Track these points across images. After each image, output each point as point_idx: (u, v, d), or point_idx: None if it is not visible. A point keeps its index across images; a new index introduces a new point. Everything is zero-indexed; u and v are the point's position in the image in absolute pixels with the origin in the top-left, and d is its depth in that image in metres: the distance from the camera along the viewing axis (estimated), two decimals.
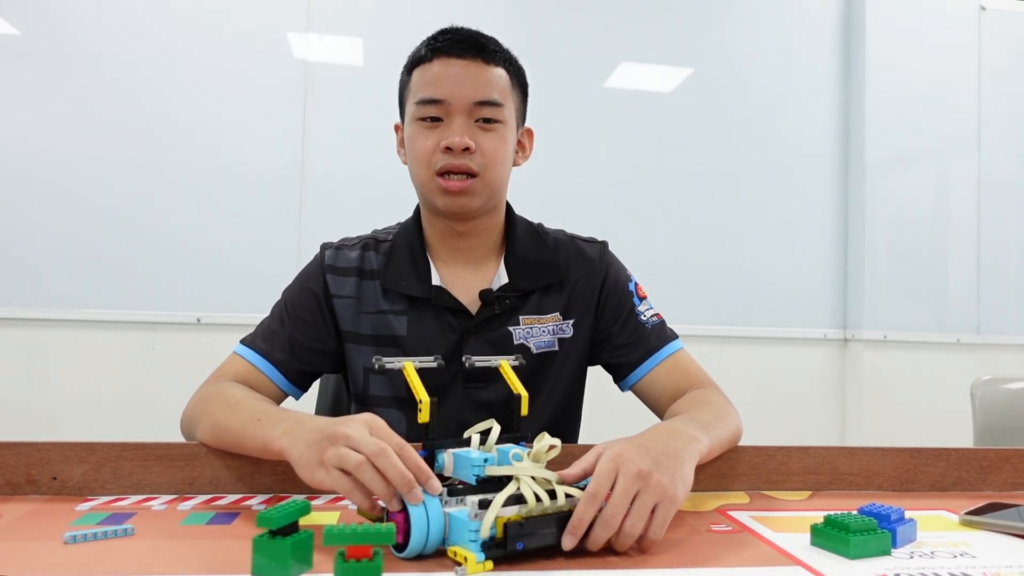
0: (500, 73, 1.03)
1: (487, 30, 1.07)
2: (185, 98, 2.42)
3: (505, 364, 0.79)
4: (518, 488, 0.64)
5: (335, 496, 0.86)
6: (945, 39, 2.87)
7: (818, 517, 0.72)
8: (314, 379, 1.10)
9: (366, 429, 0.68)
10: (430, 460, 0.69)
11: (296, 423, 0.76)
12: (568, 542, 0.64)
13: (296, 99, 2.50)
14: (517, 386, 0.77)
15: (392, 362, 0.73)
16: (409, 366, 0.73)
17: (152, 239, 2.38)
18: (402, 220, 1.16)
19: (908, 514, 0.73)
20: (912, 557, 0.68)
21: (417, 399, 0.69)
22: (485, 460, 0.67)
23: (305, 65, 2.51)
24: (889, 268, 2.80)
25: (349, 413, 1.09)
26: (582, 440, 1.20)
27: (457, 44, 1.01)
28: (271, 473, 0.86)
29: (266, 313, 1.12)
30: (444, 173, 1.00)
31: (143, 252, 2.38)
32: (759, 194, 2.80)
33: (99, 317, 2.34)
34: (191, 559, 0.64)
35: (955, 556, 0.69)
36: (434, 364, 0.76)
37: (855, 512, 0.71)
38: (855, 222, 2.82)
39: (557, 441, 0.69)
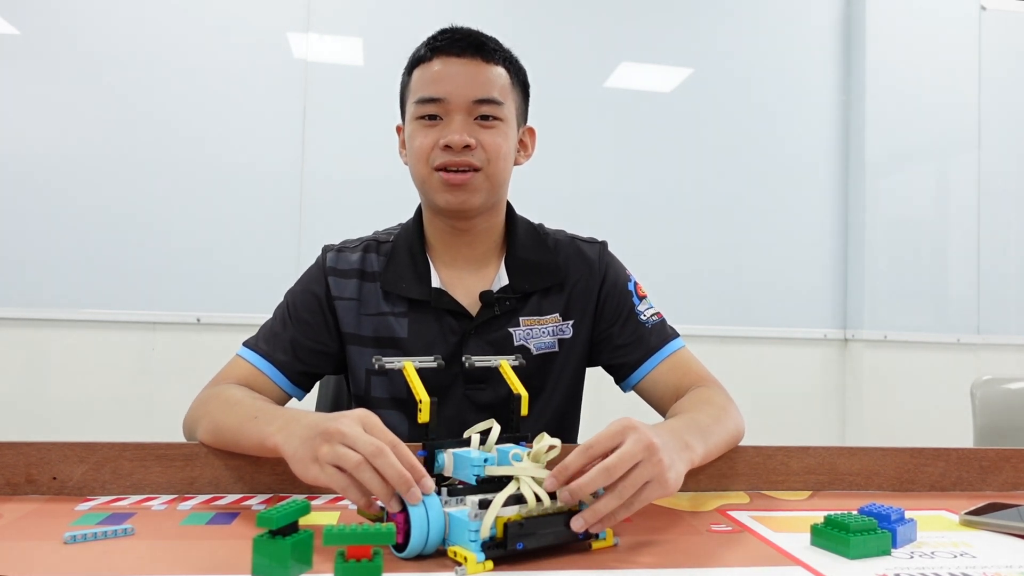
0: (500, 72, 1.03)
1: (487, 30, 1.07)
2: (185, 98, 2.42)
3: (505, 364, 0.79)
4: (518, 488, 0.64)
5: (335, 496, 0.86)
6: (945, 39, 2.87)
7: (818, 517, 0.72)
8: (316, 380, 1.10)
9: (360, 426, 0.68)
10: (430, 460, 0.69)
11: (290, 420, 0.76)
12: (550, 483, 0.65)
13: (296, 99, 2.50)
14: (517, 386, 0.77)
15: (392, 362, 0.73)
16: (409, 366, 0.73)
17: (152, 239, 2.38)
18: (403, 221, 1.16)
19: (908, 514, 0.73)
20: (912, 557, 0.68)
21: (417, 399, 0.69)
22: (485, 460, 0.67)
23: (305, 65, 2.51)
24: (889, 268, 2.80)
25: None
26: (581, 441, 1.20)
27: (456, 43, 1.01)
28: (271, 473, 0.86)
29: (266, 313, 1.12)
30: (444, 169, 1.00)
31: (143, 252, 2.38)
32: (759, 194, 2.80)
33: (99, 317, 2.34)
34: (191, 559, 0.64)
35: (955, 556, 0.69)
36: (434, 364, 0.76)
37: (855, 512, 0.71)
38: (855, 222, 2.82)
39: (557, 441, 0.69)
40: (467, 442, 0.72)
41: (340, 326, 1.07)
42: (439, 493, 0.66)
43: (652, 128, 2.73)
